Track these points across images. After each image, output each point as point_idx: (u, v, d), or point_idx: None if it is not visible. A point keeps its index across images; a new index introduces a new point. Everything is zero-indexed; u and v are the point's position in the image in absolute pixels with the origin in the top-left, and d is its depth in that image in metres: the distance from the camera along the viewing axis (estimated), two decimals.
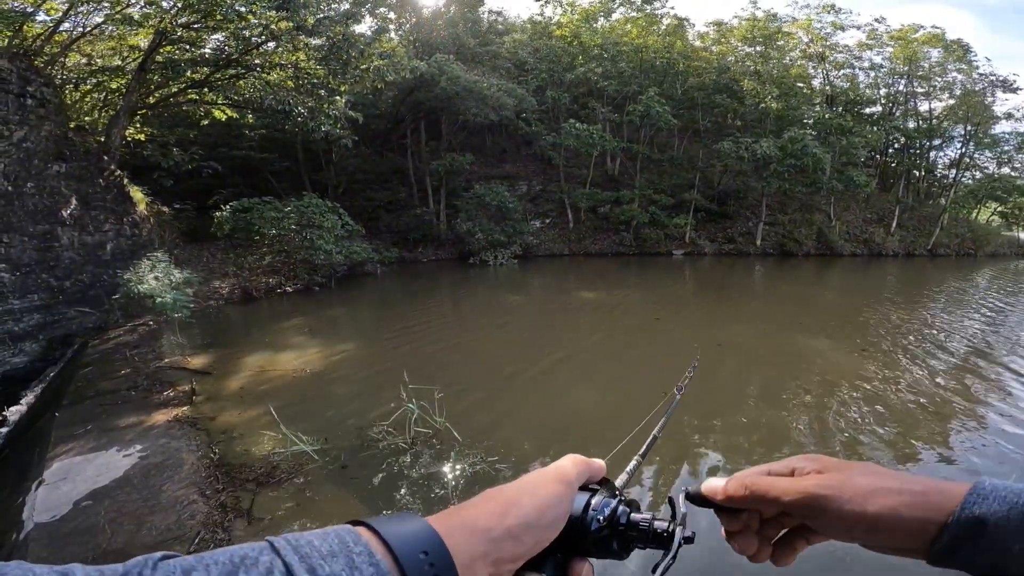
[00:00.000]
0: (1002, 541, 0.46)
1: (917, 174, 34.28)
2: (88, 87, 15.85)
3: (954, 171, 32.85)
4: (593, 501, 0.59)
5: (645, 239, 26.28)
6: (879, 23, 29.64)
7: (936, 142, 32.87)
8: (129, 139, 15.66)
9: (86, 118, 15.82)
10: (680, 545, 0.60)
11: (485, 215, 22.82)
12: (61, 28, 12.87)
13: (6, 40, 11.16)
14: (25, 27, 11.98)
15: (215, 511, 4.12)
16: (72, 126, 11.97)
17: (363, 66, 16.87)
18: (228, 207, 14.69)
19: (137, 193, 13.81)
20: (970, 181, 33.95)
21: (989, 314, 13.02)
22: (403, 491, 4.62)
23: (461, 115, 22.81)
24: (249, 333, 10.55)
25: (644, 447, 0.96)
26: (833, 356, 8.76)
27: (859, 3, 52.60)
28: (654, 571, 0.59)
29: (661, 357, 8.88)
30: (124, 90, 14.65)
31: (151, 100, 15.60)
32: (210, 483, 4.54)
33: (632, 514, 0.61)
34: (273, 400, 6.34)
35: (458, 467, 4.99)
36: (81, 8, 12.46)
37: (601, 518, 0.58)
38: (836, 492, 0.54)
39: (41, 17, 12.46)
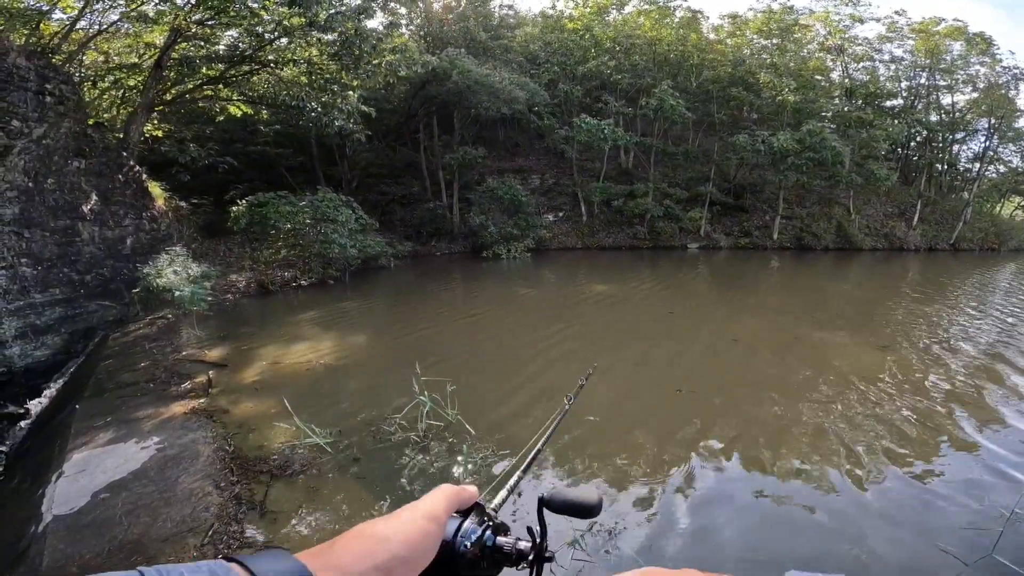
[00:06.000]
0: None
1: (939, 168, 33.55)
2: (106, 84, 16.08)
3: (977, 165, 32.12)
4: (463, 527, 0.65)
5: (659, 233, 26.06)
6: (899, 16, 29.02)
7: (959, 135, 32.17)
8: (147, 135, 15.87)
9: (105, 115, 16.09)
10: (541, 564, 0.68)
11: (498, 209, 22.79)
12: (78, 26, 13.08)
13: (23, 38, 11.34)
14: (42, 25, 12.17)
15: (229, 503, 4.16)
16: (91, 123, 12.15)
17: (375, 61, 16.91)
18: (244, 202, 14.82)
19: (156, 188, 14.00)
20: (994, 175, 33.19)
21: (1014, 310, 12.71)
22: (415, 485, 4.62)
23: (473, 109, 22.75)
24: (264, 326, 10.65)
25: (526, 462, 1.00)
26: (853, 352, 8.60)
27: None
28: None
29: (674, 352, 8.79)
30: (141, 87, 14.85)
31: (168, 97, 15.78)
32: (225, 475, 4.58)
33: (498, 538, 0.67)
34: (287, 392, 6.39)
35: (470, 461, 4.99)
36: (97, 6, 12.65)
37: (468, 544, 0.64)
38: None
39: (57, 15, 12.68)
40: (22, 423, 6.98)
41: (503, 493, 0.88)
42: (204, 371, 7.43)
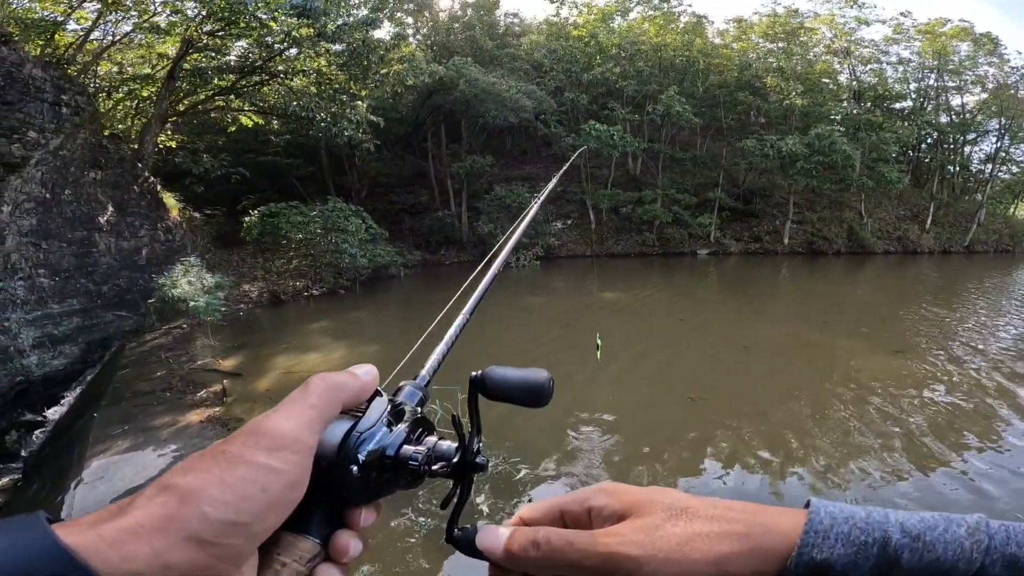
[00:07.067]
0: None
1: (951, 169, 33.23)
2: (120, 95, 16.33)
3: (989, 166, 31.80)
4: (352, 435, 0.43)
5: (668, 239, 25.98)
6: (905, 17, 28.87)
7: (970, 137, 31.86)
8: (161, 146, 16.08)
9: (119, 126, 16.33)
10: (467, 472, 0.49)
11: (507, 217, 22.79)
12: (92, 37, 13.30)
13: (39, 49, 11.51)
14: (57, 36, 12.36)
15: None
16: (106, 134, 12.33)
17: (383, 71, 17.07)
18: (256, 212, 14.97)
19: (170, 199, 14.18)
20: (1007, 176, 32.82)
21: None
22: (424, 493, 4.62)
23: (481, 117, 22.86)
24: (277, 335, 10.72)
25: (479, 291, 0.72)
26: (866, 358, 8.51)
27: None
28: (443, 506, 0.49)
29: (685, 359, 8.75)
30: (155, 98, 15.07)
31: (181, 107, 16.00)
32: None
33: (403, 448, 0.45)
34: None
35: None
36: (110, 17, 12.86)
37: (357, 467, 0.42)
38: (647, 551, 0.40)
39: (72, 26, 12.87)
40: (39, 431, 7.06)
41: (440, 349, 0.62)
42: (219, 380, 7.48)
